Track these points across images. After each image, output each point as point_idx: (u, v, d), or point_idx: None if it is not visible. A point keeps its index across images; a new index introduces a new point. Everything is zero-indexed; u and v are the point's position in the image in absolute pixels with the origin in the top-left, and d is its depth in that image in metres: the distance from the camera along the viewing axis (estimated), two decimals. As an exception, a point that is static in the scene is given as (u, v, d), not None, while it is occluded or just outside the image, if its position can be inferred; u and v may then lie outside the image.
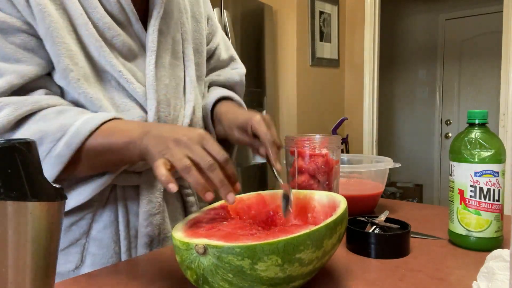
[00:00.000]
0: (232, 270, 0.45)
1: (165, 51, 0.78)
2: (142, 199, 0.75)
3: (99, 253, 0.73)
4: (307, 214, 0.62)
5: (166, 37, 0.78)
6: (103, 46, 0.69)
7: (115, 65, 0.70)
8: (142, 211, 0.75)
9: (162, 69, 0.76)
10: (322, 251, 0.49)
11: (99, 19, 0.69)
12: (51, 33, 0.64)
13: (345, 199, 0.58)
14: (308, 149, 0.78)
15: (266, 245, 0.45)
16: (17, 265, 0.41)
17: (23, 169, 0.40)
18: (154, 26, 0.75)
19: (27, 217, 0.41)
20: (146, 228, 0.75)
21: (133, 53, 0.74)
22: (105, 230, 0.74)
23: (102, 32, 0.69)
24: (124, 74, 0.71)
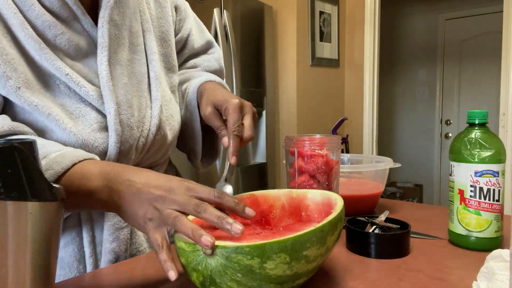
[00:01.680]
0: (241, 270, 0.45)
1: (121, 45, 0.69)
2: (108, 212, 0.67)
3: (61, 274, 0.66)
4: (301, 213, 0.62)
5: (121, 29, 0.69)
6: (44, 48, 0.61)
7: (60, 67, 0.62)
8: (107, 224, 0.67)
9: (118, 66, 0.68)
10: (326, 247, 0.50)
11: (36, 18, 0.60)
12: None
13: (340, 197, 0.58)
14: (308, 149, 0.78)
15: (275, 243, 0.45)
16: (17, 265, 0.41)
17: (23, 169, 0.40)
18: (104, 19, 0.66)
19: (27, 217, 0.41)
20: (111, 243, 0.67)
21: (82, 51, 0.65)
22: (66, 248, 0.66)
23: (42, 32, 0.61)
24: (73, 77, 0.63)
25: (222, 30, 2.36)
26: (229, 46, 2.40)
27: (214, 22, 2.33)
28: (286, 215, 0.63)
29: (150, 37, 0.75)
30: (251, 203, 0.63)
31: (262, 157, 2.81)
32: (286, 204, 0.64)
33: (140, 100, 0.71)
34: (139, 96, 0.71)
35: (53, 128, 0.62)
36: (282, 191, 0.65)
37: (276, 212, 0.63)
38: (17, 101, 0.60)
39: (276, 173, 2.94)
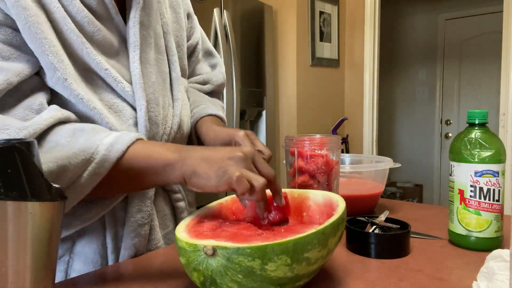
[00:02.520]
0: (242, 271, 0.45)
1: (148, 45, 0.72)
2: (131, 208, 0.69)
3: (84, 269, 0.67)
4: (302, 214, 0.62)
5: (148, 30, 0.72)
6: (85, 42, 0.62)
7: (100, 62, 0.64)
8: (130, 220, 0.69)
9: (147, 65, 0.71)
10: (327, 249, 0.50)
11: (76, 13, 0.62)
12: (30, 28, 0.57)
13: (342, 198, 0.58)
14: (308, 149, 0.78)
15: (276, 245, 0.45)
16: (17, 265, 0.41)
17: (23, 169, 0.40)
18: (135, 19, 0.69)
19: (27, 217, 0.41)
20: (133, 239, 0.69)
21: (114, 49, 0.68)
22: (90, 244, 0.68)
23: (82, 27, 0.63)
24: (111, 73, 0.65)
25: (222, 30, 2.36)
26: (229, 46, 2.40)
27: (214, 22, 2.33)
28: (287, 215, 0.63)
29: (170, 39, 0.78)
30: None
31: (262, 157, 2.81)
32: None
33: (164, 99, 0.75)
34: (163, 95, 0.74)
35: (96, 121, 0.64)
36: (284, 191, 0.65)
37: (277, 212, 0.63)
38: (63, 92, 0.62)
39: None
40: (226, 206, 0.63)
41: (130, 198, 0.70)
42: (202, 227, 0.54)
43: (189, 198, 0.87)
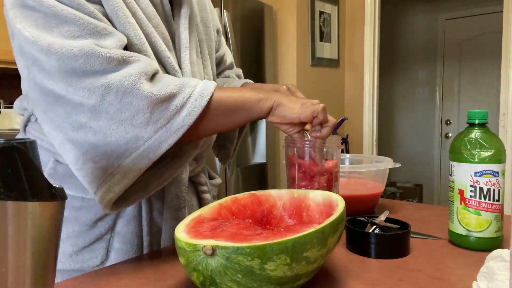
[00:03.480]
0: (242, 270, 0.45)
1: (193, 48, 0.80)
2: (169, 193, 0.76)
3: (123, 248, 0.74)
4: (302, 213, 0.62)
5: (192, 35, 0.81)
6: (153, 32, 0.70)
7: (164, 50, 0.72)
8: (168, 205, 0.76)
9: (193, 65, 0.79)
10: (326, 249, 0.50)
11: (146, 7, 0.71)
12: (117, 12, 0.65)
13: (342, 198, 0.58)
14: (308, 149, 0.78)
15: (276, 244, 0.45)
16: (17, 265, 0.41)
17: (23, 169, 0.40)
18: (185, 24, 0.78)
19: (27, 217, 0.41)
20: (172, 221, 0.77)
21: (168, 45, 0.75)
22: (128, 225, 0.74)
23: (150, 19, 0.71)
24: (172, 61, 0.73)
25: (222, 30, 2.36)
26: (229, 46, 2.40)
27: (214, 22, 2.33)
28: (287, 215, 0.63)
29: (204, 47, 0.87)
30: (252, 202, 0.63)
31: (262, 157, 2.81)
32: (287, 204, 0.64)
33: None
34: None
35: None
36: (283, 191, 0.65)
37: (277, 212, 0.63)
38: None
39: (276, 173, 2.95)
40: (226, 206, 0.64)
41: (166, 186, 0.77)
42: (202, 227, 0.54)
43: (213, 192, 0.94)
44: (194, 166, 0.84)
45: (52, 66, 0.59)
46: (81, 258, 0.73)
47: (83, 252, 0.73)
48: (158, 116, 0.61)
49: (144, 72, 0.61)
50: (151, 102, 0.60)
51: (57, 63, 0.58)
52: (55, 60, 0.58)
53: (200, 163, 0.87)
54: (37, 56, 0.60)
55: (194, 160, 0.85)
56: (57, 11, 0.59)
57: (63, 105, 0.60)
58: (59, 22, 0.60)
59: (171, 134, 0.62)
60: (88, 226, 0.73)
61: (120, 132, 0.60)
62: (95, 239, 0.73)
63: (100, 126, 0.60)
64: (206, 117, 0.66)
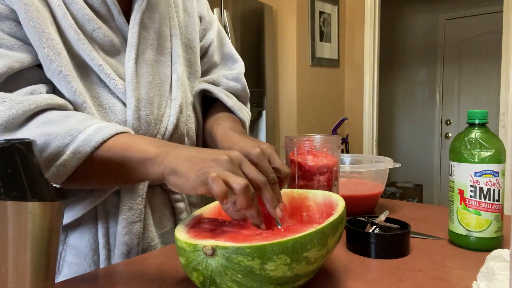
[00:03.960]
0: (242, 270, 0.45)
1: (149, 46, 0.74)
2: (122, 205, 0.70)
3: (76, 262, 0.69)
4: (302, 214, 0.62)
5: (149, 31, 0.74)
6: (82, 38, 0.65)
7: (95, 58, 0.66)
8: (121, 218, 0.70)
9: (144, 65, 0.73)
10: (326, 249, 0.50)
11: (78, 11, 0.66)
12: (29, 23, 0.61)
13: (342, 198, 0.58)
14: (308, 149, 0.78)
15: (276, 244, 0.45)
16: (17, 265, 0.41)
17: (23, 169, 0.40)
18: (135, 20, 0.71)
19: (27, 217, 0.41)
20: (124, 236, 0.70)
21: (115, 48, 0.71)
22: (82, 238, 0.70)
23: (82, 25, 0.66)
24: (105, 69, 0.67)
25: (222, 30, 2.36)
26: (229, 46, 2.40)
27: (214, 22, 2.33)
28: (287, 215, 0.63)
29: (176, 41, 0.79)
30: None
31: (262, 157, 2.81)
32: (287, 204, 0.64)
33: (161, 99, 0.75)
34: (160, 95, 0.75)
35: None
36: (284, 191, 0.65)
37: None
38: (58, 84, 0.64)
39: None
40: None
41: (121, 195, 0.70)
42: (202, 227, 0.54)
43: (193, 200, 0.87)
44: None
45: None
46: None
47: None
48: None
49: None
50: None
51: None
52: None
53: None
54: None
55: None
56: None
57: None
58: None
59: None
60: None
61: None
62: None
63: None
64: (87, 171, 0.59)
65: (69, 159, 0.58)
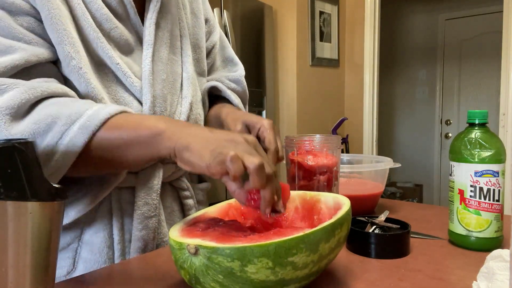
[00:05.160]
0: (222, 271, 0.45)
1: (163, 45, 0.76)
2: (138, 200, 0.72)
3: (91, 258, 0.70)
4: (313, 216, 0.62)
5: (163, 31, 0.77)
6: (100, 37, 0.67)
7: (112, 57, 0.68)
8: (137, 213, 0.71)
9: (159, 63, 0.75)
10: (318, 255, 0.48)
11: (96, 10, 0.68)
12: (51, 20, 0.62)
13: (349, 202, 0.57)
14: (308, 149, 0.78)
15: (256, 247, 0.44)
16: (17, 265, 0.41)
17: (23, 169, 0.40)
18: (151, 20, 0.74)
19: (27, 217, 0.41)
20: (140, 231, 0.72)
21: (130, 47, 0.73)
22: (97, 234, 0.71)
23: (100, 24, 0.68)
24: (122, 67, 0.69)
25: (222, 30, 2.36)
26: (229, 46, 2.40)
27: (214, 22, 2.33)
28: (299, 218, 0.62)
29: (186, 41, 0.82)
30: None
31: (262, 157, 2.81)
32: (299, 206, 0.63)
33: (173, 96, 0.78)
34: (172, 93, 0.77)
35: None
36: (297, 193, 0.64)
37: (289, 214, 0.63)
38: (76, 81, 0.66)
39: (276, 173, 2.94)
40: (235, 206, 0.63)
41: (137, 191, 0.72)
42: (197, 226, 0.54)
43: (200, 197, 0.88)
44: (173, 170, 0.78)
45: None
46: None
47: None
48: None
49: (7, 107, 0.55)
50: None
51: None
52: None
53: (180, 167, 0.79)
54: None
55: (173, 164, 0.77)
56: None
57: None
58: None
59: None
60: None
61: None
62: (60, 248, 0.70)
63: None
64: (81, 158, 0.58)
65: (77, 136, 0.57)
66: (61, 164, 0.58)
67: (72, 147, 0.57)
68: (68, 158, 0.57)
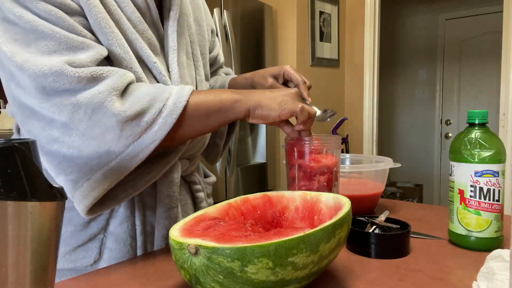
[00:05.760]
0: (223, 271, 0.45)
1: (182, 51, 0.80)
2: (161, 193, 0.77)
3: (116, 248, 0.75)
4: (313, 216, 0.62)
5: (181, 37, 0.81)
6: (138, 38, 0.71)
7: (150, 56, 0.72)
8: (160, 204, 0.77)
9: (182, 67, 0.79)
10: (319, 255, 0.48)
11: (131, 13, 0.71)
12: (99, 23, 0.65)
13: (349, 202, 0.57)
14: (308, 149, 0.78)
15: (257, 247, 0.44)
16: (17, 265, 0.41)
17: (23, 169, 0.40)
18: (173, 27, 0.78)
19: (27, 217, 0.41)
20: (165, 220, 0.77)
21: (156, 49, 0.76)
22: (121, 225, 0.75)
23: (135, 26, 0.72)
24: (158, 66, 0.73)
25: (222, 30, 2.36)
26: (229, 46, 2.40)
27: (214, 22, 2.33)
28: (299, 218, 0.62)
29: (196, 47, 0.87)
30: (264, 203, 0.63)
31: (262, 157, 2.81)
32: (300, 206, 0.63)
33: None
34: None
35: None
36: (297, 193, 0.64)
37: (289, 214, 0.63)
38: None
39: (276, 173, 2.95)
40: (235, 206, 0.63)
41: (159, 186, 0.77)
42: (197, 226, 0.54)
43: (208, 190, 0.95)
44: (187, 165, 0.84)
45: (26, 82, 0.60)
46: (74, 258, 0.74)
47: (76, 251, 0.74)
48: (128, 133, 0.62)
49: (114, 88, 0.62)
50: (121, 120, 0.61)
51: (29, 79, 0.60)
52: (27, 77, 0.59)
53: (193, 163, 0.88)
54: (13, 71, 0.61)
55: (187, 160, 0.85)
56: (35, 26, 0.60)
57: (38, 119, 0.62)
58: (37, 37, 0.60)
59: (142, 149, 0.64)
60: (81, 226, 0.74)
61: (92, 147, 0.62)
62: (88, 239, 0.74)
63: (72, 141, 0.61)
64: (180, 125, 0.66)
65: (172, 110, 0.64)
66: (158, 136, 0.64)
67: (170, 118, 0.64)
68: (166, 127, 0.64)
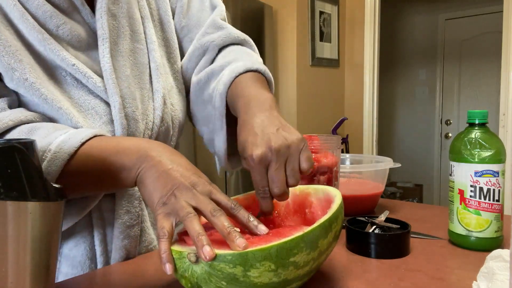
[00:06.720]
0: (225, 277, 0.45)
1: (121, 35, 0.67)
2: (119, 209, 0.67)
3: (72, 273, 0.65)
4: (304, 210, 0.62)
5: (119, 19, 0.68)
6: (47, 38, 0.60)
7: (66, 58, 0.61)
8: (118, 222, 0.66)
9: (120, 58, 0.67)
10: (318, 251, 0.49)
11: (37, 8, 0.59)
12: None
13: (340, 193, 0.57)
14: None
15: (258, 251, 0.44)
16: (17, 265, 0.41)
17: (23, 169, 0.40)
18: (102, 9, 0.65)
19: (27, 217, 0.41)
20: (122, 241, 0.67)
21: (84, 43, 0.64)
22: (77, 247, 0.66)
23: (43, 23, 0.60)
24: (80, 68, 0.62)
25: (222, 30, 2.36)
26: (229, 46, 2.40)
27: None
28: (290, 213, 0.62)
29: (148, 24, 0.73)
30: (254, 201, 0.63)
31: (262, 157, 2.81)
32: (290, 201, 0.63)
33: (142, 92, 0.70)
34: (141, 88, 0.70)
35: (63, 121, 0.62)
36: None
37: (281, 210, 0.63)
38: (26, 93, 0.59)
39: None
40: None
41: (117, 199, 0.67)
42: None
43: None
44: None
45: None
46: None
47: None
48: None
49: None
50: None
51: None
52: None
53: None
54: None
55: None
56: None
57: None
58: None
59: None
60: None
61: None
62: None
63: None
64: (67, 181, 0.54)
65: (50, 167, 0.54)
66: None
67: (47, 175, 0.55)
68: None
